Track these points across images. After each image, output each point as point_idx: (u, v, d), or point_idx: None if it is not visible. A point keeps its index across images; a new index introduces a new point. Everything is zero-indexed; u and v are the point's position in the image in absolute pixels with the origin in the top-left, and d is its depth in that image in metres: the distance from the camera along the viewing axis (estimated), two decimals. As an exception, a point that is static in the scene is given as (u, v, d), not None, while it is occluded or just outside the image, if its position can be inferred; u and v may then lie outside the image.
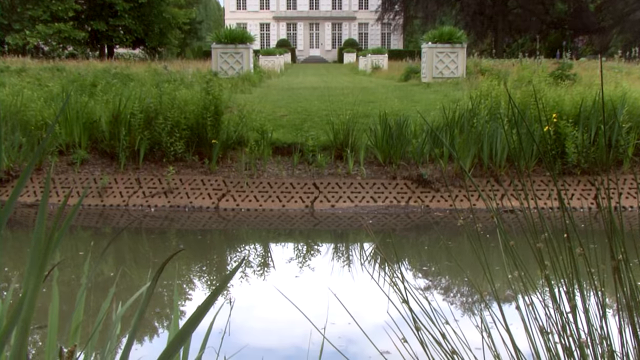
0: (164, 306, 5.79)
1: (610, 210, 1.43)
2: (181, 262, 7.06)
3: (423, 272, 6.98)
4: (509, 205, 7.97)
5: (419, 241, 8.53)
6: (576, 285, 1.47)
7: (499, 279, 5.33)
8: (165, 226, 9.24)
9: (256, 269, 7.06)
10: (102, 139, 10.85)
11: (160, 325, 5.38)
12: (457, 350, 1.48)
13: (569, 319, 1.48)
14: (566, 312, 1.49)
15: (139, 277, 6.75)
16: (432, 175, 10.05)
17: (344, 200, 9.86)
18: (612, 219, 1.44)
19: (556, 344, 1.50)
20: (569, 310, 1.48)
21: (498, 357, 1.51)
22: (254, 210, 9.73)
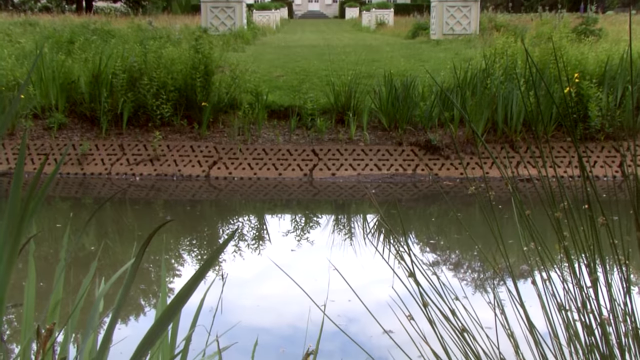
0: (150, 283, 5.83)
1: (637, 179, 1.42)
2: (169, 235, 7.09)
3: (431, 246, 7.01)
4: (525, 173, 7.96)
5: (426, 212, 8.55)
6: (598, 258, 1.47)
7: (513, 253, 5.35)
8: (151, 196, 9.25)
9: (250, 242, 7.08)
10: (82, 102, 10.78)
11: (147, 304, 5.42)
12: (468, 328, 1.48)
13: (589, 295, 1.48)
14: (587, 287, 1.49)
15: (122, 251, 6.78)
16: (441, 141, 10.02)
17: (345, 168, 9.84)
18: (639, 188, 1.43)
19: (575, 322, 1.51)
20: (590, 285, 1.48)
21: (512, 336, 1.51)
22: (247, 179, 9.72)
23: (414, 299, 1.52)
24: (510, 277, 1.63)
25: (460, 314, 1.52)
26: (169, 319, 1.27)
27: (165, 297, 2.17)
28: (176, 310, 1.28)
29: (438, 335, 1.47)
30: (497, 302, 1.57)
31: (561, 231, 1.46)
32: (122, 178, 9.74)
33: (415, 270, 1.51)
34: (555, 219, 1.47)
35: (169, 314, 1.27)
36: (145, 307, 5.34)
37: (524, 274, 5.18)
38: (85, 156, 10.07)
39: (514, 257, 5.40)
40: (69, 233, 2.17)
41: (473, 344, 1.49)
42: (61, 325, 1.93)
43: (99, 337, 2.82)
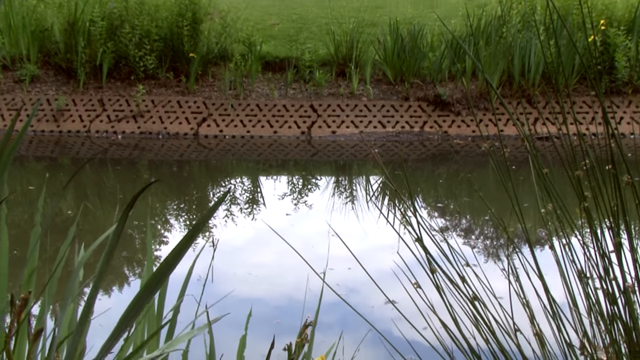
0: (134, 250, 5.85)
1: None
2: (155, 198, 7.10)
3: (440, 210, 7.03)
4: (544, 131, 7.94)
5: (435, 174, 8.55)
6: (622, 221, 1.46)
7: (529, 217, 5.37)
8: (135, 156, 9.24)
9: (243, 206, 7.10)
10: (56, 52, 10.69)
11: (131, 273, 5.45)
12: (479, 296, 1.49)
13: (612, 261, 1.49)
14: (609, 252, 1.49)
15: (104, 216, 6.80)
16: (451, 96, 9.97)
17: (346, 126, 9.82)
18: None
19: (597, 290, 1.51)
20: (613, 250, 1.48)
21: (527, 305, 1.52)
22: (240, 137, 9.70)
23: (421, 265, 1.52)
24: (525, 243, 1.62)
25: (471, 281, 1.52)
26: (155, 286, 1.27)
27: (151, 266, 2.18)
28: (163, 278, 1.28)
29: (447, 304, 1.48)
30: (512, 269, 1.58)
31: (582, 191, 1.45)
32: (102, 136, 9.72)
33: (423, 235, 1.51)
34: (576, 177, 1.47)
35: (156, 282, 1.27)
36: (129, 277, 5.37)
37: (540, 241, 5.20)
38: (62, 112, 10.03)
39: (530, 222, 5.42)
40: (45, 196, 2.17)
41: (485, 313, 1.50)
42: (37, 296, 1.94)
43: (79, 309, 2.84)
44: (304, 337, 1.90)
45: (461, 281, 1.50)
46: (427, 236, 1.56)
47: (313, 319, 1.97)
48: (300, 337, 1.90)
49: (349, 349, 2.19)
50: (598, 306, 1.52)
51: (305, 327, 1.91)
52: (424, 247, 1.48)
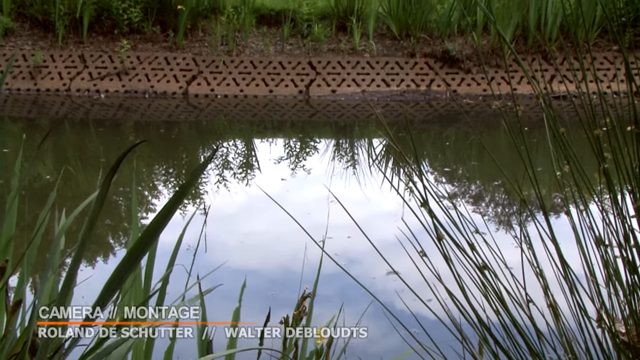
0: (119, 218, 5.86)
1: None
2: (141, 162, 7.09)
3: (447, 175, 7.03)
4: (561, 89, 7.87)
5: (442, 136, 8.53)
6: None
7: (544, 183, 5.37)
8: (119, 117, 9.21)
9: (236, 171, 7.09)
10: (32, 3, 10.59)
11: (116, 242, 5.46)
12: (490, 265, 1.49)
13: (633, 227, 1.49)
14: (630, 218, 1.49)
15: (86, 181, 6.79)
16: (461, 52, 9.91)
17: (347, 84, 9.77)
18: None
19: (616, 258, 1.51)
20: (634, 215, 1.48)
21: (541, 275, 1.53)
22: (233, 96, 9.65)
23: (427, 232, 1.52)
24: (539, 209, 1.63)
25: (481, 249, 1.53)
26: (142, 251, 1.27)
27: (137, 234, 2.19)
28: (151, 241, 1.28)
29: (455, 274, 1.49)
30: (524, 236, 1.58)
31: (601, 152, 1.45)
32: (84, 95, 9.67)
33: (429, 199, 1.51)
34: (595, 137, 1.46)
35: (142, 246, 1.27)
36: (114, 247, 5.39)
37: (555, 207, 5.21)
38: (39, 69, 9.97)
39: (545, 187, 5.42)
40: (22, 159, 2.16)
41: (495, 283, 1.51)
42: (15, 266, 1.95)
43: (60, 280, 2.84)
44: (302, 310, 1.91)
45: (470, 249, 1.50)
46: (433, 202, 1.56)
47: (311, 291, 1.98)
48: (297, 310, 1.91)
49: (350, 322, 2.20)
50: (617, 275, 1.53)
51: (303, 298, 1.92)
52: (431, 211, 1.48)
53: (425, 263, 1.51)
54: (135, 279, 2.09)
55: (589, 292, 1.57)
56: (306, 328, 1.99)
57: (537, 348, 1.52)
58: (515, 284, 1.57)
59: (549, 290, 1.55)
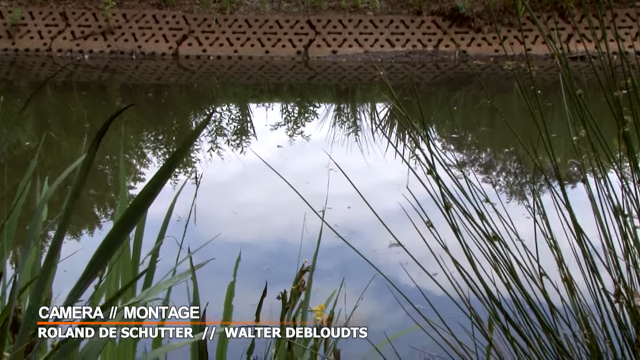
0: (105, 188, 5.87)
1: None
2: (128, 128, 7.07)
3: (456, 142, 7.02)
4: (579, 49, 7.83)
5: (451, 100, 8.51)
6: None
7: (559, 150, 5.36)
8: (104, 79, 9.17)
9: (230, 137, 7.08)
10: (10, -43, 10.51)
11: (102, 213, 5.47)
12: (500, 235, 1.49)
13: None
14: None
15: (69, 147, 6.78)
16: (471, 10, 9.85)
17: (349, 45, 9.72)
18: None
19: (635, 229, 1.51)
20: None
21: (555, 247, 1.53)
22: (226, 57, 9.61)
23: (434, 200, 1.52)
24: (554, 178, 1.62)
25: (491, 219, 1.53)
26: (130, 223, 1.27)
27: (124, 205, 2.18)
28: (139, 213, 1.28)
29: (463, 244, 1.49)
30: (538, 205, 1.58)
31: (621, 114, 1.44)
32: (66, 56, 9.62)
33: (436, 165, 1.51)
34: (615, 99, 1.45)
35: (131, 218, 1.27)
36: (100, 217, 5.40)
37: (571, 176, 5.21)
38: (17, 27, 9.90)
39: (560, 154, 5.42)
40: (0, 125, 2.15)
41: (506, 255, 1.51)
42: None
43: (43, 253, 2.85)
44: (301, 284, 1.92)
45: (480, 219, 1.50)
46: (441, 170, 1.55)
47: (310, 264, 1.99)
48: (296, 284, 1.92)
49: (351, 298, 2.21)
50: (637, 247, 1.53)
51: (301, 272, 1.92)
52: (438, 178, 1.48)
53: (433, 233, 1.51)
54: (123, 252, 2.10)
55: (606, 265, 1.57)
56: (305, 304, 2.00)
57: (551, 324, 1.52)
58: (528, 256, 1.57)
59: (563, 263, 1.55)
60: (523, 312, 1.52)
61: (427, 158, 1.51)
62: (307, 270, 1.91)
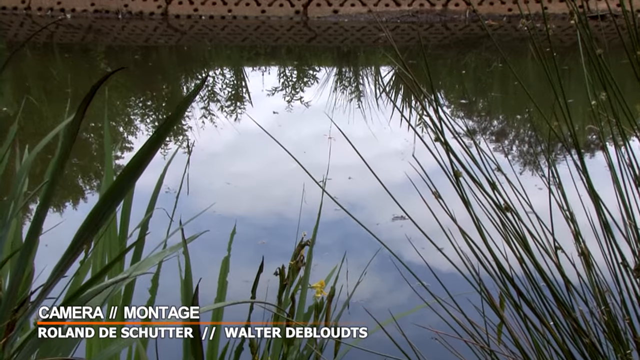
0: (90, 158, 5.86)
1: None
2: (114, 93, 7.06)
3: (466, 109, 7.01)
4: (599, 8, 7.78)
5: (460, 63, 8.49)
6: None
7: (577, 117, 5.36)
8: (88, 41, 9.13)
9: (224, 103, 7.07)
10: None
11: (87, 184, 5.47)
12: (513, 207, 1.49)
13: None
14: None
15: (51, 114, 6.77)
16: (484, -35, 9.80)
17: (351, 3, 9.67)
18: None
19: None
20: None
21: (572, 219, 1.53)
22: (219, 17, 9.56)
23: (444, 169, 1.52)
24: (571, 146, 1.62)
25: (504, 189, 1.52)
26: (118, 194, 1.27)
27: (111, 176, 2.18)
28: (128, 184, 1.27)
29: (473, 217, 1.49)
30: (554, 174, 1.57)
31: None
32: (46, 15, 9.58)
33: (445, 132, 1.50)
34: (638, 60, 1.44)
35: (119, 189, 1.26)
36: (85, 189, 5.40)
37: (589, 145, 5.21)
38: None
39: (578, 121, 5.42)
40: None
41: (519, 228, 1.51)
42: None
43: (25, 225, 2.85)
44: (300, 259, 1.92)
45: (491, 188, 1.50)
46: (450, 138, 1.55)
47: (310, 237, 1.99)
48: (295, 259, 1.92)
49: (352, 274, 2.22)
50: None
51: (300, 246, 1.92)
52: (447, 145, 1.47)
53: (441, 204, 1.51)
54: (110, 226, 2.09)
55: (626, 237, 1.57)
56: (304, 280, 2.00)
57: (566, 300, 1.52)
58: (542, 229, 1.57)
59: (580, 237, 1.55)
60: (537, 288, 1.52)
61: (435, 124, 1.50)
62: (306, 244, 1.91)
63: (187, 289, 1.87)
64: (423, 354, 1.60)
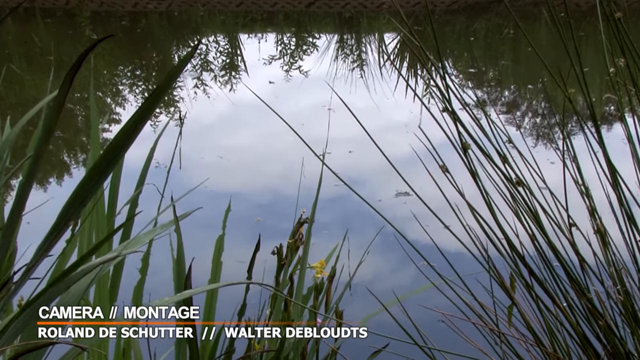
0: (75, 130, 5.86)
1: None
2: (100, 61, 7.04)
3: (475, 78, 7.00)
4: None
5: (469, 30, 8.46)
6: None
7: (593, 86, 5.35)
8: (72, 6, 9.09)
9: (218, 73, 7.06)
10: None
11: (72, 158, 5.47)
12: (525, 181, 1.49)
13: None
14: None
15: (33, 83, 6.76)
16: None
17: (353, -34, 9.63)
18: None
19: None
20: None
21: (587, 194, 1.53)
22: (211, -19, 9.52)
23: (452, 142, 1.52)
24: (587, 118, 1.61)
25: (515, 163, 1.52)
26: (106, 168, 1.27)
27: (97, 149, 2.17)
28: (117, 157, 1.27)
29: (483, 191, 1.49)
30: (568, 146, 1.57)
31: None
32: (28, -21, 9.53)
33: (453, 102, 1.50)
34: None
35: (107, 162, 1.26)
36: (70, 164, 5.40)
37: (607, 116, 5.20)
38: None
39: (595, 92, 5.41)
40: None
41: (531, 203, 1.51)
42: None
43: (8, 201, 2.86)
44: (299, 238, 1.92)
45: (502, 161, 1.49)
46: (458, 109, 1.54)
47: (310, 215, 1.99)
48: (293, 238, 1.92)
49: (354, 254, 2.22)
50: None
51: (299, 224, 1.92)
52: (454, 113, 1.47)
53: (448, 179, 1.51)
54: (97, 203, 2.09)
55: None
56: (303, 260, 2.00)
57: (581, 280, 1.52)
58: (556, 204, 1.57)
59: (596, 213, 1.55)
60: (549, 267, 1.52)
61: (442, 94, 1.50)
62: (305, 221, 1.90)
63: (179, 269, 1.87)
64: (429, 337, 1.60)
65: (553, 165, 3.99)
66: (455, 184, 1.51)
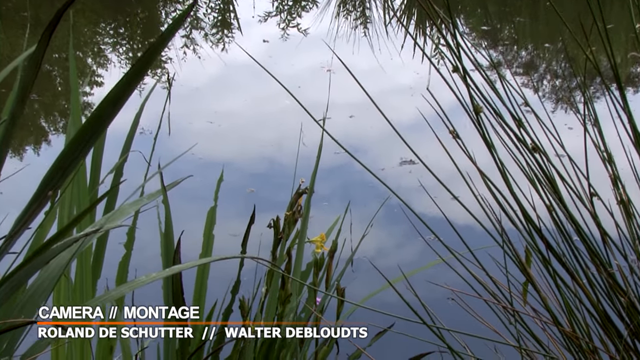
0: (54, 93, 5.85)
1: None
2: (81, 19, 7.01)
3: (489, 36, 6.97)
4: None
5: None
6: None
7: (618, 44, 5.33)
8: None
9: (209, 32, 7.03)
10: None
11: (51, 124, 5.47)
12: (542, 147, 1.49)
13: None
14: None
15: (7, 41, 6.73)
16: None
17: None
18: None
19: None
20: None
21: (610, 161, 1.52)
22: None
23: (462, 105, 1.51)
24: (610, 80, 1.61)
25: (532, 128, 1.52)
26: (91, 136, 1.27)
27: (78, 115, 2.16)
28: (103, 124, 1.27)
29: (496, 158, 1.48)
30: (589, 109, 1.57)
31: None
32: None
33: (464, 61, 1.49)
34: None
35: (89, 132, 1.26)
36: (49, 133, 5.39)
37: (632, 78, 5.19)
38: None
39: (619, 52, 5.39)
40: None
41: (549, 171, 1.50)
42: None
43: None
44: (297, 210, 1.92)
45: (517, 126, 1.49)
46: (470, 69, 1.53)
47: (309, 185, 1.98)
48: (291, 210, 1.91)
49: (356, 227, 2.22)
50: None
51: (298, 195, 1.92)
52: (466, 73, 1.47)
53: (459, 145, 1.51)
54: (78, 171, 2.08)
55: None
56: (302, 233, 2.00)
57: (602, 254, 1.52)
58: (576, 172, 1.57)
59: (619, 182, 1.55)
60: (568, 240, 1.52)
61: (453, 53, 1.49)
62: (304, 192, 1.90)
63: (167, 243, 1.87)
64: (437, 316, 1.61)
65: (571, 131, 3.98)
66: (466, 150, 1.51)
